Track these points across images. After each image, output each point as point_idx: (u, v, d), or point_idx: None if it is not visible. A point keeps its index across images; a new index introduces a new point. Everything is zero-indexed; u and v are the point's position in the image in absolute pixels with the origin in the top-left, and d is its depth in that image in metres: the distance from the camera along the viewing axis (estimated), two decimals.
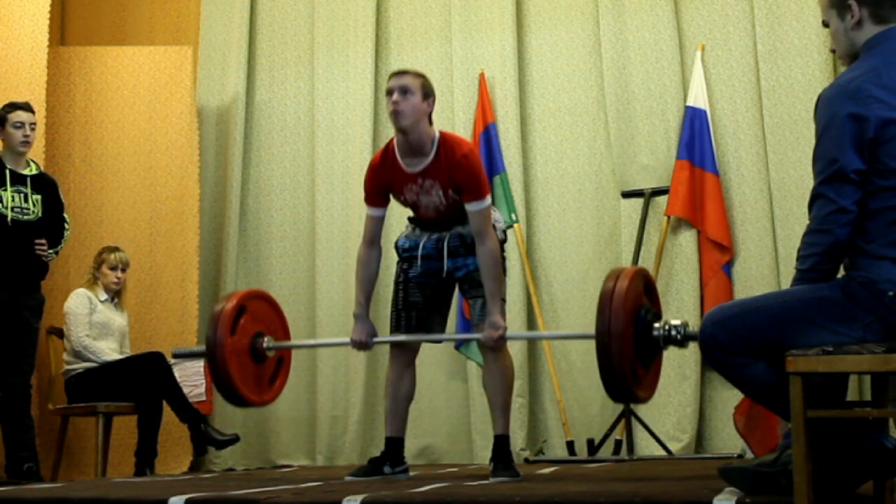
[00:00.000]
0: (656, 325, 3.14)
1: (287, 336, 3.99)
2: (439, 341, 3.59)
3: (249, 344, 3.74)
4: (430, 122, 3.56)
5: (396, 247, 3.77)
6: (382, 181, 3.67)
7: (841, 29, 2.46)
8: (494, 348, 3.53)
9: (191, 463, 5.48)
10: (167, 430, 5.05)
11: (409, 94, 3.46)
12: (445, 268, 3.61)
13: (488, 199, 3.52)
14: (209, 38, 6.32)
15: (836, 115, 2.32)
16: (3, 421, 4.58)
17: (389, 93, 3.50)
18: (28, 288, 4.64)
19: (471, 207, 3.48)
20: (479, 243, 3.48)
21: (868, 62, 2.38)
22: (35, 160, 4.88)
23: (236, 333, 3.67)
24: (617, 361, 2.99)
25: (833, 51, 2.57)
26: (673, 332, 3.11)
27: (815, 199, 2.36)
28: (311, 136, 6.09)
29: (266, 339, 3.78)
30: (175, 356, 4.09)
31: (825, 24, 2.52)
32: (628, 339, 3.03)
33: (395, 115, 3.47)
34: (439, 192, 3.55)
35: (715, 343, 2.38)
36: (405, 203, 3.70)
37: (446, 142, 3.53)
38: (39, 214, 4.70)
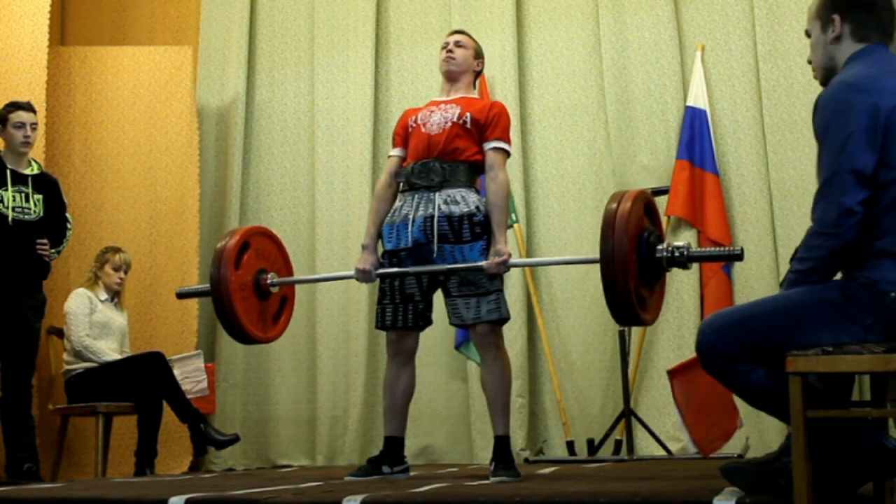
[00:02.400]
0: (659, 246, 3.13)
1: (290, 273, 3.96)
2: (443, 271, 3.52)
3: (253, 280, 3.71)
4: (475, 86, 3.84)
5: (381, 237, 3.70)
6: (408, 116, 3.79)
7: (821, 41, 2.48)
8: (498, 273, 3.47)
9: (191, 463, 5.48)
10: (167, 430, 5.05)
11: (462, 47, 3.76)
12: (435, 251, 3.52)
13: (509, 148, 3.64)
14: (209, 38, 6.32)
15: (845, 108, 2.28)
16: (3, 421, 4.58)
17: (445, 45, 3.78)
18: (29, 288, 4.64)
19: (490, 144, 3.60)
20: (491, 178, 3.57)
21: (859, 65, 2.38)
22: (37, 160, 4.88)
23: (240, 268, 3.64)
24: (622, 284, 2.97)
25: (809, 62, 2.57)
26: (676, 254, 3.10)
27: (822, 199, 2.31)
28: (311, 136, 6.10)
29: (269, 275, 3.76)
30: (179, 296, 4.04)
31: (807, 34, 2.54)
32: (632, 261, 3.01)
33: (447, 60, 3.75)
34: (454, 112, 3.63)
35: (714, 350, 2.37)
36: (411, 133, 3.70)
37: (483, 99, 3.82)
38: (41, 214, 4.70)
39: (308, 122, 6.14)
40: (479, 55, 3.83)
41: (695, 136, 5.22)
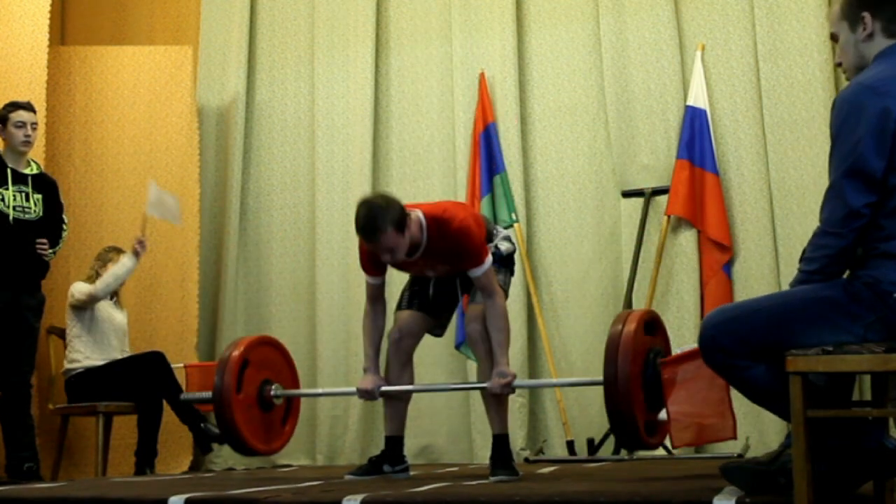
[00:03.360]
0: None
1: (295, 378, 3.98)
2: (446, 390, 3.65)
3: (256, 394, 3.72)
4: (409, 215, 3.43)
5: None
6: (370, 254, 3.61)
7: (851, 41, 2.44)
8: (501, 393, 3.51)
9: (191, 462, 5.48)
10: (167, 429, 5.05)
11: (391, 248, 3.37)
12: (459, 292, 3.73)
13: (489, 261, 3.52)
14: (209, 37, 6.32)
15: (857, 110, 2.28)
16: (3, 421, 4.58)
17: (374, 252, 3.45)
18: (29, 287, 4.64)
19: (473, 273, 3.50)
20: (487, 300, 3.50)
21: (881, 66, 2.36)
22: (36, 160, 4.88)
23: (242, 391, 3.66)
24: (625, 409, 2.95)
25: (839, 64, 2.52)
26: None
27: (830, 199, 2.32)
28: (311, 136, 6.09)
29: (273, 386, 3.77)
30: (182, 401, 4.13)
31: (833, 38, 2.50)
32: (636, 385, 2.99)
33: (395, 266, 3.58)
34: (444, 265, 3.61)
35: (715, 346, 2.37)
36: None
37: (434, 222, 3.48)
38: (40, 214, 4.70)
39: (308, 121, 6.14)
40: (400, 224, 3.34)
41: (695, 135, 5.22)
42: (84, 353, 4.97)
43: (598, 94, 5.59)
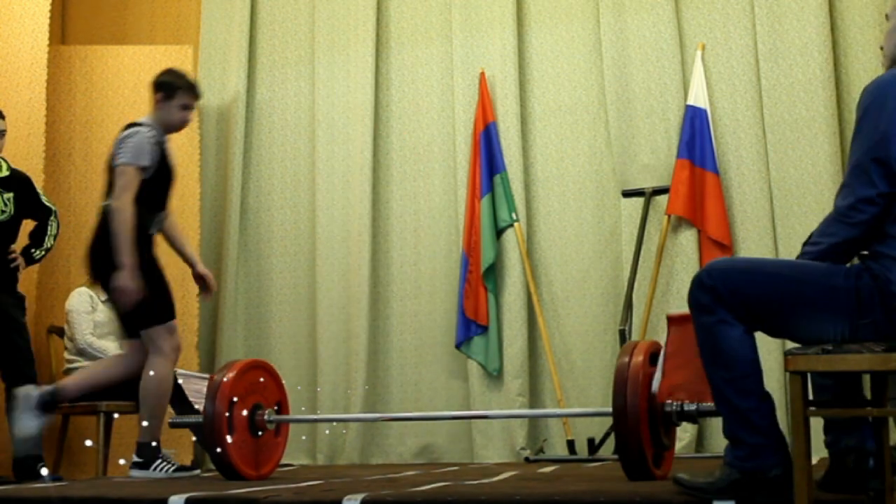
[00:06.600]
0: (668, 400, 3.13)
1: (286, 402, 4.00)
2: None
3: (248, 417, 3.71)
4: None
5: None
6: None
7: None
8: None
9: (192, 462, 5.48)
10: (167, 428, 5.02)
11: None
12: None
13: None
14: (209, 37, 6.32)
15: (882, 101, 2.26)
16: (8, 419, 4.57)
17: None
18: (5, 287, 4.60)
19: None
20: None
21: None
22: (5, 158, 4.79)
23: (235, 408, 3.65)
24: (634, 440, 2.96)
25: (882, 48, 2.52)
26: (686, 408, 3.10)
27: (845, 186, 2.30)
28: (312, 135, 6.10)
29: (266, 411, 3.77)
30: (171, 425, 4.12)
31: (888, 18, 2.48)
32: (644, 417, 3.00)
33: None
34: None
35: (707, 287, 2.32)
36: None
37: None
38: (12, 212, 4.65)
39: (308, 121, 6.14)
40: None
41: (695, 135, 5.21)
42: (83, 356, 4.97)
43: (598, 93, 5.59)
